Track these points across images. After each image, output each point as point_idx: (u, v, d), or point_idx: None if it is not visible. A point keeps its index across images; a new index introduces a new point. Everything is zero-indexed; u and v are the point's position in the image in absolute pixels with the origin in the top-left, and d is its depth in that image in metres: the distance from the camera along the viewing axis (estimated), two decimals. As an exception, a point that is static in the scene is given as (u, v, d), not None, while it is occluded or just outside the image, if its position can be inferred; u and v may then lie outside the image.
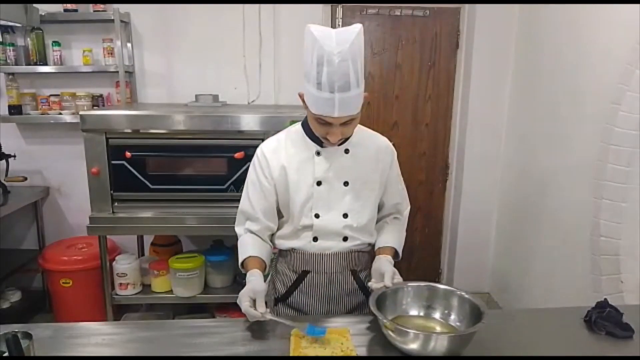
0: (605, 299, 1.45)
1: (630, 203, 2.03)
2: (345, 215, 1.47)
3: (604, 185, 2.09)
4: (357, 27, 1.27)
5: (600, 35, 2.21)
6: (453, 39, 3.26)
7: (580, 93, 2.34)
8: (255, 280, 1.35)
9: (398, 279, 1.38)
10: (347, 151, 1.47)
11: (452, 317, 1.34)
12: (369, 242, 1.55)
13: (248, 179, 1.52)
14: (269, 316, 1.27)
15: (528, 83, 2.94)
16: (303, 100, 1.38)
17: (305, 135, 1.47)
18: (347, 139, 1.44)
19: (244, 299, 1.28)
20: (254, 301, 1.29)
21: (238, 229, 1.55)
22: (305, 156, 1.46)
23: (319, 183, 1.44)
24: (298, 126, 1.50)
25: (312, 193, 1.45)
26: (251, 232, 1.50)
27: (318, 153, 1.45)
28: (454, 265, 3.48)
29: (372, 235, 1.55)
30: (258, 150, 1.50)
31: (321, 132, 1.36)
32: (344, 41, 1.23)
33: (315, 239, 1.48)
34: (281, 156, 1.46)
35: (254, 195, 1.48)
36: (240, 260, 1.47)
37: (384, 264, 1.42)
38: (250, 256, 1.44)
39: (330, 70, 1.22)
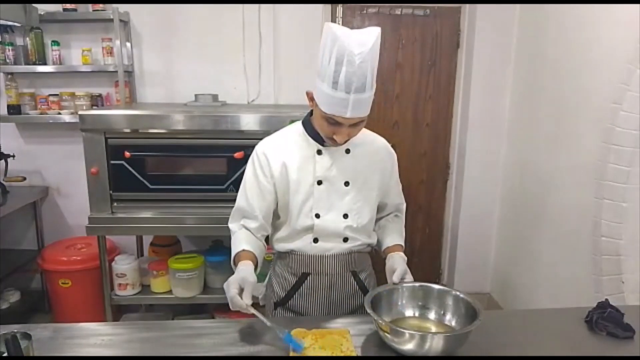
0: (606, 299, 1.45)
1: (631, 203, 2.02)
2: (345, 216, 1.46)
3: (605, 185, 2.08)
4: (376, 30, 1.26)
5: (601, 34, 2.20)
6: (454, 39, 3.25)
7: (581, 93, 2.33)
8: (246, 270, 1.31)
9: (409, 278, 1.39)
10: (348, 151, 1.46)
11: (447, 317, 1.34)
12: (369, 243, 1.54)
13: (245, 177, 1.50)
14: (252, 310, 1.24)
15: (529, 83, 2.93)
16: (310, 99, 1.36)
17: (306, 133, 1.45)
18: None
19: (232, 287, 1.25)
20: (242, 291, 1.26)
21: (232, 225, 1.50)
22: (306, 155, 1.44)
23: (319, 182, 1.43)
24: (298, 125, 1.49)
25: (313, 192, 1.43)
26: (246, 228, 1.47)
27: (319, 152, 1.44)
28: (454, 265, 3.48)
29: (370, 236, 1.55)
30: (257, 148, 1.48)
31: (328, 132, 1.34)
32: (364, 43, 1.23)
33: (315, 240, 1.47)
34: (282, 154, 1.45)
35: (252, 194, 1.46)
36: (232, 254, 1.43)
37: (397, 261, 1.43)
38: (243, 250, 1.41)
39: (349, 70, 1.22)
